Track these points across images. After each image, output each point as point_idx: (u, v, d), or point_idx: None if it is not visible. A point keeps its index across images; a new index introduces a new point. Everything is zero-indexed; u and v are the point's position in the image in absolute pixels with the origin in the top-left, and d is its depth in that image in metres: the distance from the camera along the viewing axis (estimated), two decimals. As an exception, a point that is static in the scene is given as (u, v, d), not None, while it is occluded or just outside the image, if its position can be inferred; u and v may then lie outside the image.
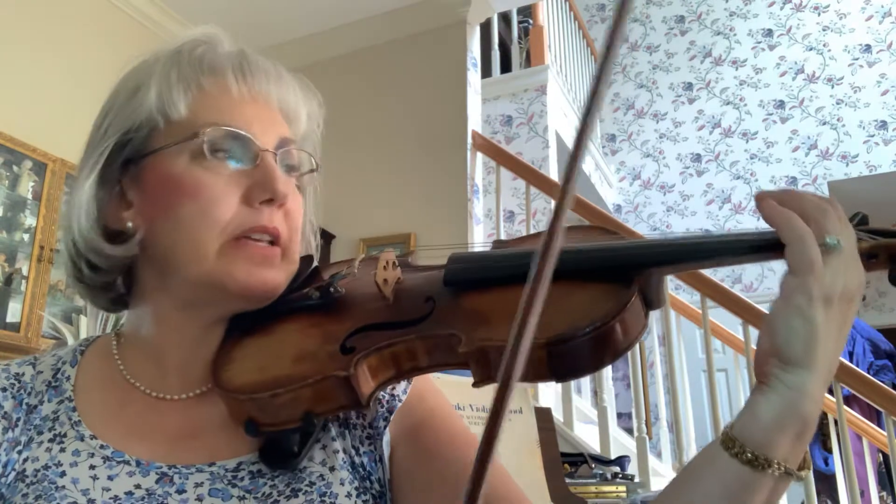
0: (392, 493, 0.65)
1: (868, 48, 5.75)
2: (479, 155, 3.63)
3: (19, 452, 0.62)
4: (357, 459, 0.64)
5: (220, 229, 0.61)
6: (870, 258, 0.53)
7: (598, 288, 0.54)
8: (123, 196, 0.65)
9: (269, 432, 0.59)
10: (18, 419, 0.63)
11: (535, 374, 0.52)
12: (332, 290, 0.63)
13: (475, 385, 0.54)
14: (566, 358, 0.51)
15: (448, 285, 0.59)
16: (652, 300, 0.55)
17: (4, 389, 0.65)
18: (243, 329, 0.65)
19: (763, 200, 0.52)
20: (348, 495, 0.61)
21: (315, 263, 0.71)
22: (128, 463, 0.61)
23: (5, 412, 0.63)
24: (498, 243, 0.66)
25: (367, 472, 0.64)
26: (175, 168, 0.62)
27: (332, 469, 0.62)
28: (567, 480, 1.91)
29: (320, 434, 0.64)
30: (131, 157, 0.65)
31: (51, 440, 0.62)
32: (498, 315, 0.55)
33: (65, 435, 0.62)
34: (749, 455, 0.49)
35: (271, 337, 0.63)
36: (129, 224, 0.64)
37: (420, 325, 0.57)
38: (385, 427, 0.66)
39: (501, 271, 0.59)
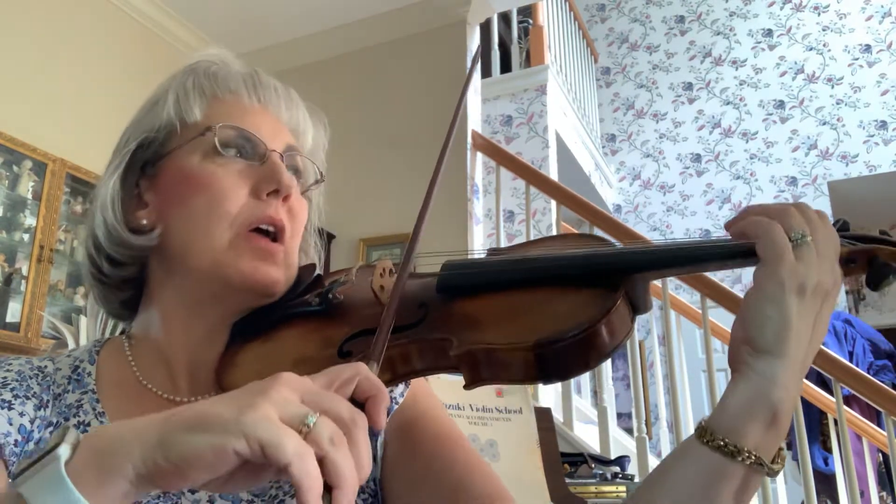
0: (382, 491, 0.66)
1: (868, 48, 5.76)
2: (479, 155, 3.63)
3: (51, 433, 0.63)
4: None
5: (230, 221, 0.64)
6: (848, 263, 0.56)
7: (584, 293, 0.56)
8: (140, 198, 0.69)
9: None
10: (48, 401, 0.65)
11: (524, 375, 0.54)
12: (330, 296, 0.65)
13: (466, 387, 0.56)
14: (553, 360, 0.52)
15: (440, 292, 0.61)
16: (638, 305, 0.57)
17: (31, 377, 0.66)
18: (246, 334, 0.66)
19: (732, 220, 0.56)
20: None
21: (318, 271, 0.74)
22: None
23: (35, 392, 0.65)
24: (492, 251, 0.68)
25: None
26: (189, 164, 0.66)
27: None
28: (567, 480, 1.91)
29: None
30: (149, 160, 0.69)
31: (75, 426, 0.63)
32: (487, 319, 0.57)
33: (88, 424, 0.64)
34: (720, 442, 0.50)
35: (273, 342, 0.65)
36: (144, 222, 0.67)
37: (414, 330, 0.59)
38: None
39: (491, 277, 0.61)
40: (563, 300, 0.56)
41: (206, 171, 0.65)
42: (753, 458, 0.50)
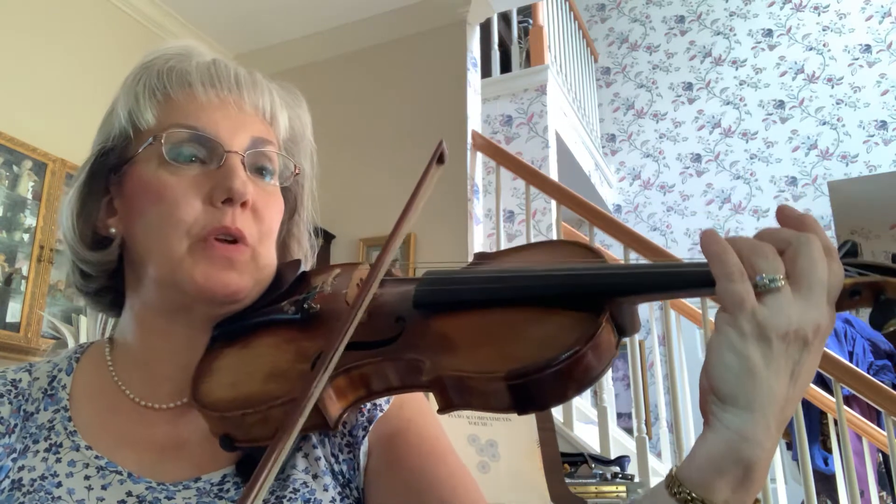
0: (364, 500, 0.65)
1: (868, 48, 5.75)
2: (479, 155, 3.63)
3: (14, 460, 0.62)
4: (336, 467, 0.65)
5: (184, 230, 0.61)
6: (852, 295, 0.48)
7: (567, 315, 0.50)
8: (111, 204, 0.68)
9: (245, 448, 0.59)
10: (15, 425, 0.64)
11: (496, 404, 0.50)
12: (306, 305, 0.62)
13: (439, 412, 0.53)
14: (529, 391, 0.48)
15: (417, 307, 0.58)
16: (625, 327, 0.52)
17: (1, 395, 0.65)
18: (225, 339, 0.64)
19: (705, 233, 0.49)
20: (332, 500, 0.62)
21: (302, 268, 0.71)
22: (120, 473, 0.61)
23: (1, 417, 0.64)
24: (479, 256, 0.63)
25: (347, 479, 0.65)
26: (146, 172, 0.64)
27: (314, 476, 0.63)
28: (567, 480, 1.91)
29: (301, 443, 0.65)
30: (113, 168, 0.67)
31: (47, 450, 0.62)
32: (462, 342, 0.53)
33: (60, 445, 0.63)
34: (687, 496, 0.46)
35: (248, 351, 0.63)
36: (113, 230, 0.66)
37: (389, 347, 0.55)
38: (364, 437, 0.66)
39: (468, 295, 0.56)
40: (543, 323, 0.51)
41: (159, 181, 0.62)
42: None
